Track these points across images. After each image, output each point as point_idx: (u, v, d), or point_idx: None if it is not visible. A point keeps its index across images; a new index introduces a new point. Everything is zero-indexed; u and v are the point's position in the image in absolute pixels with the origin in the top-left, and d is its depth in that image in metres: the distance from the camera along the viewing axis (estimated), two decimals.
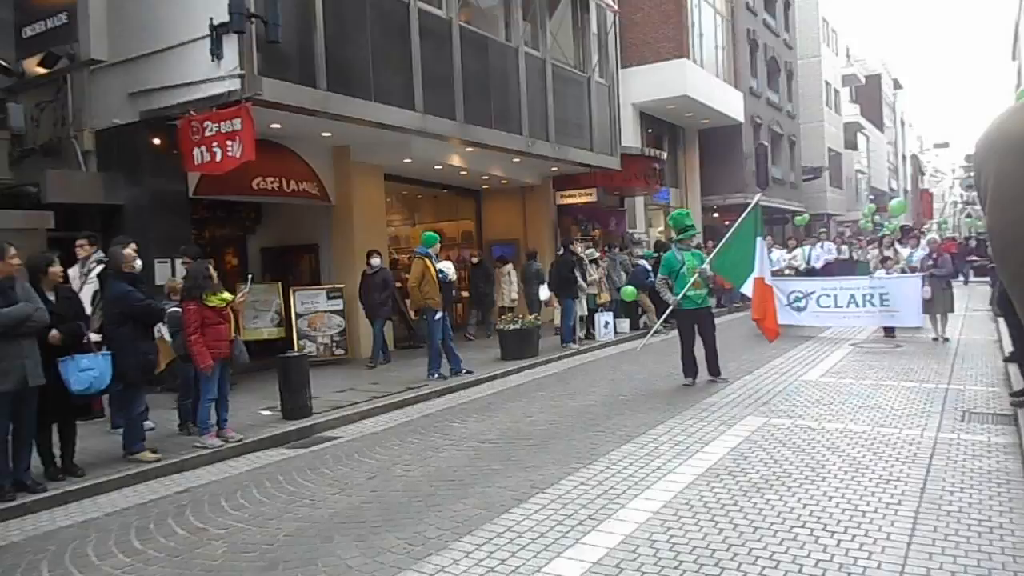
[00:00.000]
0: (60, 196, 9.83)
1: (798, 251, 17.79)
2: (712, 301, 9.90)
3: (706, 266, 9.41)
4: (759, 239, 9.58)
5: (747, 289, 9.68)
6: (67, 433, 6.60)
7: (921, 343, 12.41)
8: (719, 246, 9.92)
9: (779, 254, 16.64)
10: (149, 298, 7.27)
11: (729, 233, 9.76)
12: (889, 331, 13.29)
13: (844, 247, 19.69)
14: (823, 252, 18.21)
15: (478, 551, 4.47)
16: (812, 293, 13.71)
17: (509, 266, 16.52)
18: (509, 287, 16.21)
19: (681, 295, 9.32)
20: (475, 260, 16.44)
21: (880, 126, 56.73)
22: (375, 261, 12.24)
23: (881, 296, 12.91)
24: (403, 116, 11.64)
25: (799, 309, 13.65)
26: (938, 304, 12.41)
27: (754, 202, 9.82)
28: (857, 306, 13.17)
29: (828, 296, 13.54)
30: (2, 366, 5.76)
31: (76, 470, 6.50)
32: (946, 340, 12.30)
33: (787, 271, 16.11)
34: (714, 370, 9.57)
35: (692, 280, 9.30)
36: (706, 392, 9.02)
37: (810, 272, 16.95)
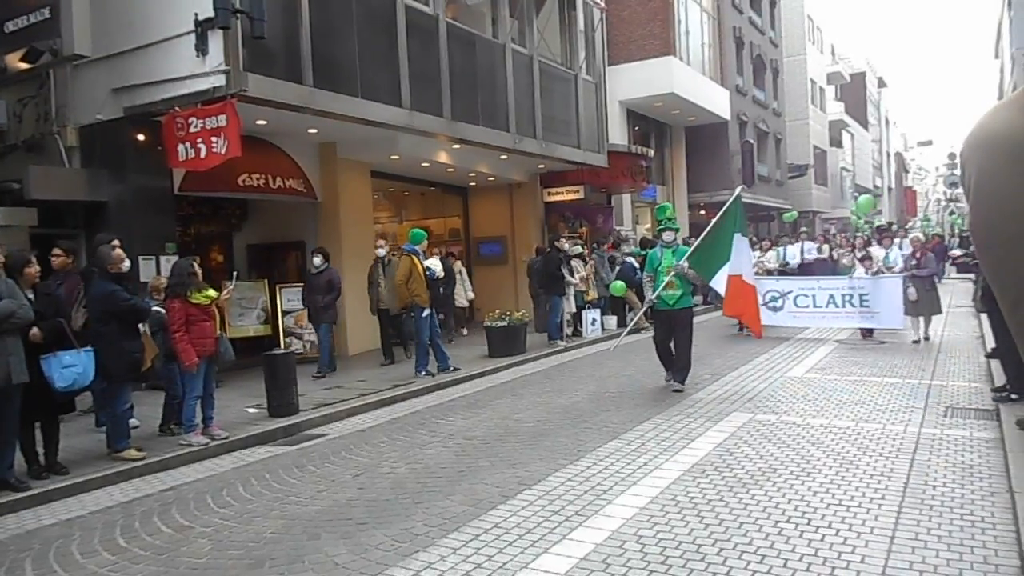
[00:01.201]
0: (43, 192, 9.74)
1: (771, 252, 16.97)
2: (694, 300, 9.44)
3: (683, 263, 8.86)
4: (738, 235, 9.11)
5: (717, 284, 9.23)
6: (50, 431, 6.56)
7: (904, 340, 12.33)
8: (697, 242, 9.38)
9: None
10: (134, 296, 7.23)
11: (708, 228, 9.29)
12: (867, 333, 12.88)
13: (825, 246, 19.30)
14: (804, 252, 17.65)
15: (465, 547, 4.48)
16: (789, 293, 13.39)
17: (459, 264, 15.77)
18: (461, 286, 15.28)
19: (655, 294, 8.99)
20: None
21: (865, 124, 57.10)
22: (317, 260, 11.30)
23: (861, 296, 12.60)
24: (390, 113, 11.60)
25: (775, 309, 13.39)
26: (922, 305, 11.96)
27: (734, 196, 9.35)
28: (836, 306, 12.91)
29: (806, 296, 13.24)
30: None
31: (60, 468, 6.46)
32: (927, 339, 12.00)
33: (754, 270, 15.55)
34: (678, 375, 9.05)
35: (665, 280, 8.91)
36: (692, 389, 9.04)
37: (783, 271, 16.38)
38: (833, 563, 4.00)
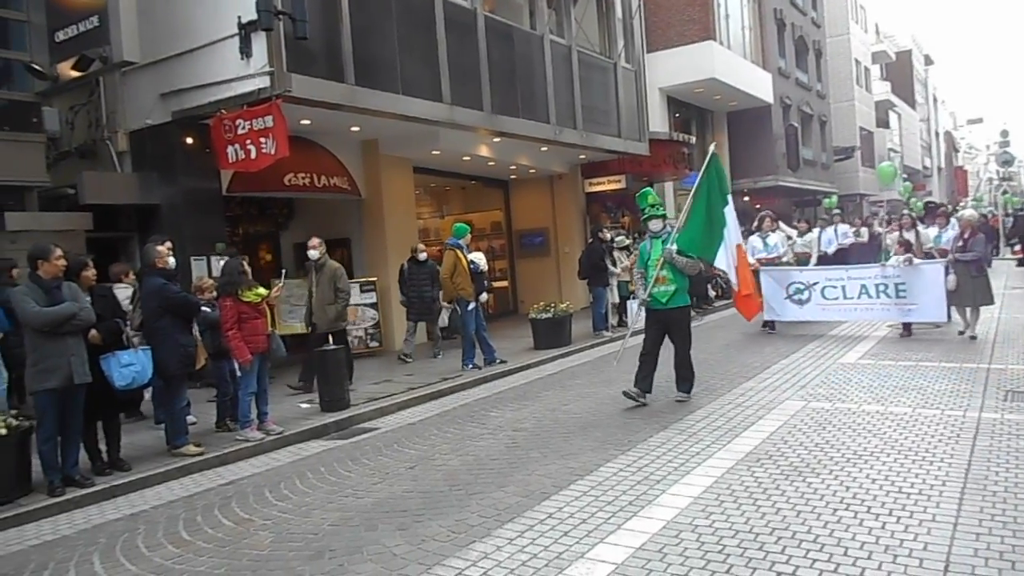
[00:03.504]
0: (97, 197, 10.01)
1: (810, 235, 14.55)
2: (689, 299, 8.18)
3: (672, 247, 7.80)
4: (729, 198, 8.09)
5: (720, 263, 8.26)
6: (112, 429, 6.76)
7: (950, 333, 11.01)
8: (681, 217, 8.10)
9: (776, 238, 13.20)
10: (185, 293, 7.42)
11: (689, 199, 8.22)
12: (907, 328, 11.34)
13: (864, 228, 17.69)
14: (839, 236, 16.30)
15: (521, 538, 4.50)
16: (815, 284, 11.99)
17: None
18: None
19: (648, 292, 7.91)
20: (420, 256, 12.20)
21: (912, 103, 55.70)
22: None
23: (897, 286, 11.17)
24: (430, 108, 11.67)
25: (801, 302, 12.05)
26: (967, 295, 10.45)
27: (708, 156, 8.14)
28: (870, 297, 11.48)
29: (834, 287, 11.85)
30: (49, 364, 5.92)
31: (122, 464, 6.66)
32: (973, 338, 10.44)
33: (786, 259, 13.11)
34: (682, 384, 8.05)
35: (655, 275, 7.82)
36: (742, 377, 8.95)
37: (821, 259, 14.43)
38: (895, 551, 3.93)
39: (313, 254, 9.72)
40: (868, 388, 7.93)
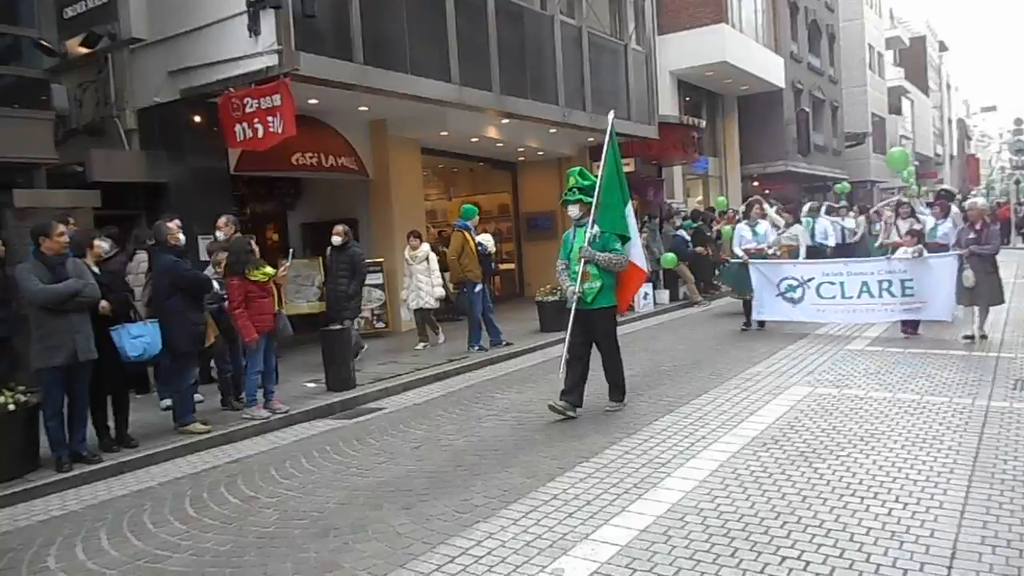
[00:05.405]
0: (105, 175, 9.98)
1: (796, 228, 12.87)
2: (614, 298, 7.25)
3: (586, 244, 6.93)
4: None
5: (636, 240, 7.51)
6: (121, 405, 6.77)
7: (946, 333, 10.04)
8: (595, 197, 7.11)
9: (766, 226, 11.95)
10: (196, 271, 7.43)
11: (599, 177, 7.20)
12: (909, 327, 10.31)
13: (861, 219, 16.16)
14: (845, 234, 15.05)
15: (525, 518, 4.50)
16: (811, 280, 10.83)
17: (424, 247, 11.57)
18: (428, 279, 11.33)
19: (579, 289, 7.00)
20: (335, 240, 10.11)
21: (925, 90, 55.18)
22: (106, 245, 7.66)
23: (903, 283, 10.06)
24: (439, 88, 11.59)
25: (794, 301, 10.94)
26: (980, 294, 9.25)
27: (609, 125, 7.50)
28: (871, 296, 10.36)
29: (832, 284, 10.69)
30: (53, 340, 5.92)
31: (130, 441, 6.68)
32: (984, 338, 9.41)
33: (773, 249, 11.81)
34: (613, 392, 7.22)
35: (580, 270, 6.98)
36: (749, 362, 8.93)
37: (814, 252, 13.06)
38: (902, 537, 3.92)
39: (219, 235, 8.69)
40: (875, 375, 7.90)
